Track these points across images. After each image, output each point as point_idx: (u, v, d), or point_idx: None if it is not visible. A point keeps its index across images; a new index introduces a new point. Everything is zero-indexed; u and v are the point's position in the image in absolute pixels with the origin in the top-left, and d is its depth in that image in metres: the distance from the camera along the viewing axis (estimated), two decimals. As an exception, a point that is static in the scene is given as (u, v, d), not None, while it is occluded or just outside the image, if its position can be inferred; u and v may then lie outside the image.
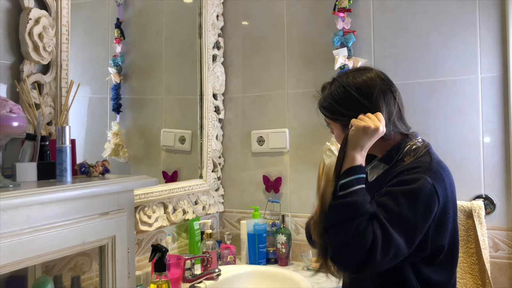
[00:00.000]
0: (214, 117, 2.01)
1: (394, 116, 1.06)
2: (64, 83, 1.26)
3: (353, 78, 1.09)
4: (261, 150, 1.99)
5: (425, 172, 0.98)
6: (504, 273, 1.54)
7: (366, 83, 1.07)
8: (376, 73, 1.10)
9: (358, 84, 1.07)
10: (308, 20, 1.89)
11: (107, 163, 1.13)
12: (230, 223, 2.04)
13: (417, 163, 1.01)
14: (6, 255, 0.78)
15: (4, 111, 0.89)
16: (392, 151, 1.07)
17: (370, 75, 1.09)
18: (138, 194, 1.49)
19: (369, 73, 1.09)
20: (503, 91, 1.55)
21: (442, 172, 1.01)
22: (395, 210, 0.93)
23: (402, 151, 1.05)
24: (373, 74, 1.09)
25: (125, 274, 1.05)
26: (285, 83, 1.94)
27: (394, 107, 1.06)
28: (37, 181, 1.01)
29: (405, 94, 1.69)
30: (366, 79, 1.07)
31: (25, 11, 1.17)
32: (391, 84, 1.10)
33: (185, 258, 1.46)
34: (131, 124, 1.73)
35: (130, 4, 1.75)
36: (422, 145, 1.07)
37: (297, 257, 1.86)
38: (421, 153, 1.04)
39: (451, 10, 1.63)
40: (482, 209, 1.52)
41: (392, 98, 1.07)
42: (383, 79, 1.09)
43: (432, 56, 1.66)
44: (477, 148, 1.59)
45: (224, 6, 2.07)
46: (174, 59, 1.96)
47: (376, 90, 1.05)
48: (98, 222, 0.98)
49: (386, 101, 1.05)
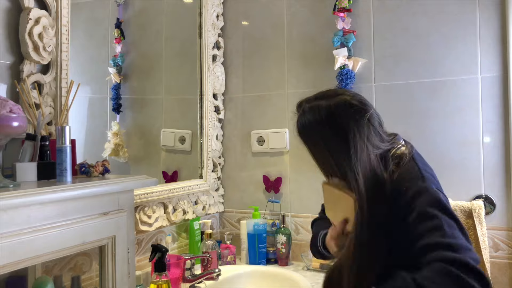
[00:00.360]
0: (214, 117, 2.01)
1: (376, 142, 0.99)
2: (64, 83, 1.26)
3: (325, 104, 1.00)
4: (261, 150, 1.99)
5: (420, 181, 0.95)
6: (504, 273, 1.54)
7: (336, 114, 0.98)
8: (346, 99, 1.00)
9: (329, 114, 0.99)
10: (308, 20, 1.89)
11: (107, 163, 1.13)
12: (230, 223, 2.04)
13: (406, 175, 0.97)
14: (6, 255, 0.78)
15: (4, 111, 0.89)
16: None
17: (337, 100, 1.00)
18: (138, 194, 1.49)
19: (338, 99, 1.01)
20: (503, 91, 1.55)
21: (432, 173, 1.00)
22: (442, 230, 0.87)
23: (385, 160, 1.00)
24: (342, 100, 1.00)
25: (125, 274, 1.05)
26: (285, 83, 1.94)
27: (374, 133, 0.99)
28: (37, 181, 1.01)
29: (405, 94, 1.71)
30: (334, 110, 0.99)
31: (25, 11, 1.17)
32: (365, 109, 1.00)
33: (185, 258, 1.46)
34: (131, 124, 1.73)
35: (130, 4, 1.75)
36: (405, 150, 1.02)
37: (297, 257, 1.86)
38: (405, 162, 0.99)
39: (451, 10, 1.63)
40: (482, 209, 1.51)
41: (368, 125, 0.98)
42: (352, 105, 0.99)
43: (432, 56, 1.66)
44: (477, 148, 1.59)
45: (224, 6, 2.07)
46: (174, 59, 1.96)
47: (350, 124, 0.97)
48: (98, 222, 0.98)
49: (362, 137, 0.97)
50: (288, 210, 1.92)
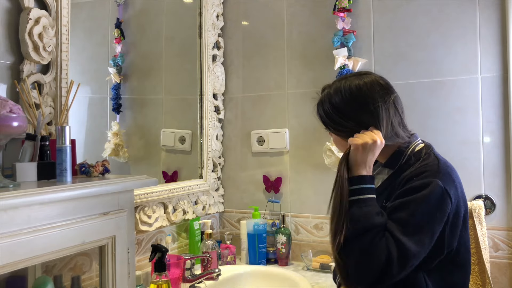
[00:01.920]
0: (214, 117, 2.01)
1: (395, 123, 1.04)
2: (64, 83, 1.26)
3: (350, 83, 1.06)
4: (261, 150, 1.99)
5: (435, 175, 0.97)
6: (504, 273, 1.54)
7: (364, 90, 1.04)
8: (375, 79, 1.07)
9: (356, 91, 1.04)
10: (308, 20, 1.89)
11: (107, 163, 1.13)
12: (230, 223, 2.04)
13: (425, 167, 1.00)
14: (6, 255, 0.78)
15: (4, 111, 0.89)
16: (394, 155, 1.07)
17: (368, 79, 1.06)
18: (138, 194, 1.49)
19: (367, 78, 1.06)
20: (503, 91, 1.55)
21: (451, 173, 1.00)
22: (411, 221, 0.93)
23: (405, 155, 1.05)
24: (371, 79, 1.06)
25: (125, 274, 1.05)
26: (285, 83, 1.94)
27: (395, 115, 1.05)
28: (37, 181, 1.01)
29: (405, 94, 1.69)
30: (364, 85, 1.05)
31: (25, 11, 1.17)
32: (391, 90, 1.07)
33: (185, 258, 1.46)
34: (131, 124, 1.73)
35: (130, 4, 1.75)
36: (424, 147, 1.06)
37: (297, 257, 1.86)
38: (426, 155, 1.03)
39: (451, 10, 1.63)
40: (482, 209, 1.52)
41: (393, 106, 1.05)
42: (382, 85, 1.06)
43: (432, 56, 1.66)
44: (477, 148, 1.59)
45: (224, 6, 2.07)
46: (174, 59, 1.96)
47: (375, 98, 1.03)
48: (98, 222, 0.98)
49: (386, 109, 1.03)
50: (288, 210, 1.92)
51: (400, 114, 1.07)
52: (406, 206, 0.95)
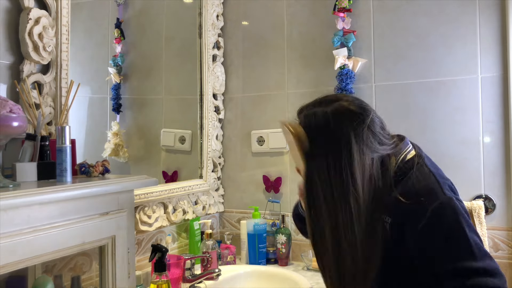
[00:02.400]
0: (214, 117, 2.01)
1: (371, 144, 0.92)
2: (64, 83, 1.26)
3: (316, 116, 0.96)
4: (261, 150, 1.99)
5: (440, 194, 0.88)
6: (504, 273, 1.54)
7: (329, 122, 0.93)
8: (341, 106, 0.94)
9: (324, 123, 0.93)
10: (308, 20, 1.89)
11: (107, 163, 1.13)
12: (230, 223, 2.04)
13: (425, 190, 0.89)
14: (6, 255, 0.78)
15: (4, 111, 0.89)
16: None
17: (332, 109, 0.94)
18: (138, 194, 1.49)
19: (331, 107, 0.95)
20: (503, 91, 1.55)
21: (446, 181, 0.93)
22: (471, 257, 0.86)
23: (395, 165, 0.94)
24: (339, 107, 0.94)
25: (125, 274, 1.05)
26: (285, 83, 1.94)
27: (369, 137, 0.92)
28: (37, 181, 1.01)
29: (405, 94, 1.71)
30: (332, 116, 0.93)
31: (25, 11, 1.17)
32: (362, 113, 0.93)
33: (185, 258, 1.46)
34: (131, 124, 1.73)
35: (130, 4, 1.75)
36: (415, 155, 0.96)
37: (297, 257, 1.86)
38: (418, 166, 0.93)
39: (451, 10, 1.63)
40: (482, 209, 1.52)
41: (366, 130, 0.92)
42: (351, 111, 0.93)
43: (432, 56, 1.66)
44: (477, 148, 1.59)
45: (224, 6, 2.07)
46: (174, 59, 1.96)
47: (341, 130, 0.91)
48: (98, 222, 0.98)
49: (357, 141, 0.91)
50: (288, 210, 1.91)
51: (378, 133, 0.93)
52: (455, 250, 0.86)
